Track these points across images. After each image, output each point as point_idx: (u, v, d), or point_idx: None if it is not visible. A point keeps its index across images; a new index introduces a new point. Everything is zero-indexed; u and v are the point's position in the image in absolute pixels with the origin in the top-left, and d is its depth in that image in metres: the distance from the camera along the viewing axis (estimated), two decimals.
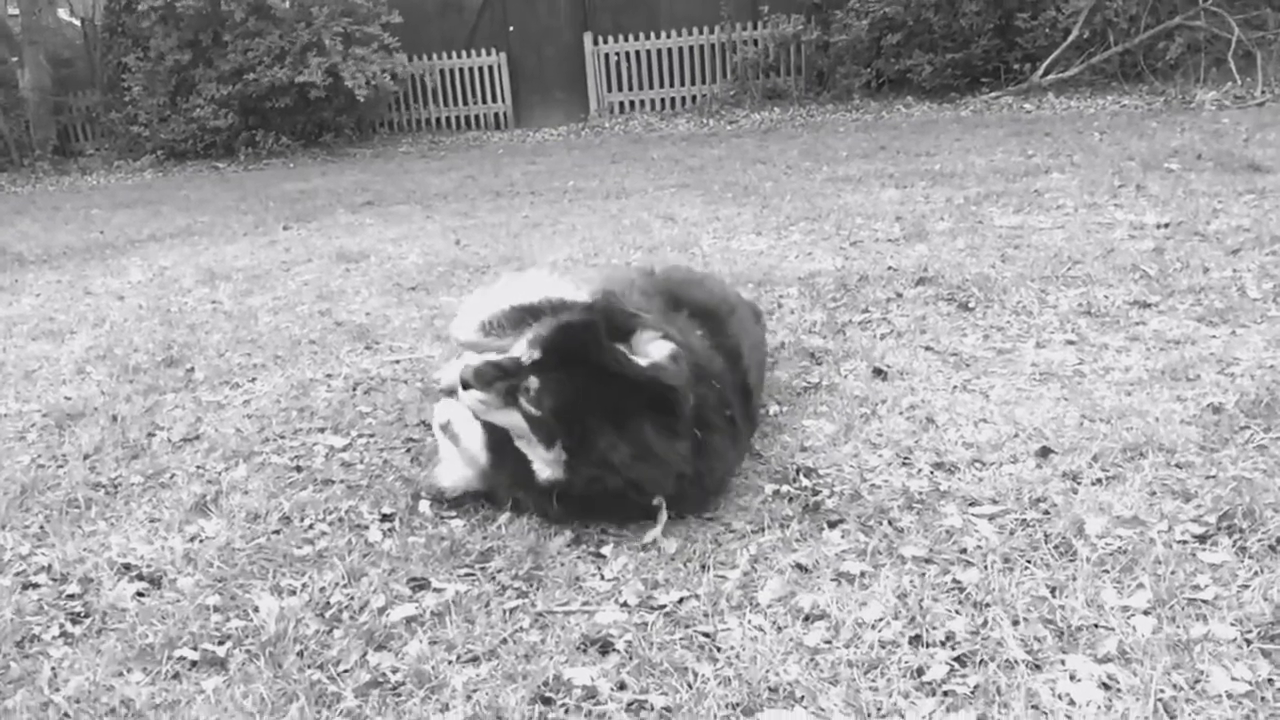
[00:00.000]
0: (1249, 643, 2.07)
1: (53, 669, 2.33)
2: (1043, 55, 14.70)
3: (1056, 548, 2.50)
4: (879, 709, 1.98)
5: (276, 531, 2.96)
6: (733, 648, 2.21)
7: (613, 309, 3.00)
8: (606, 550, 2.70)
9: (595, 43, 17.35)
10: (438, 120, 17.91)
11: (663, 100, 17.38)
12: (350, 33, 15.94)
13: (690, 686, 2.08)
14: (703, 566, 2.56)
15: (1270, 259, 4.91)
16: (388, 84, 16.18)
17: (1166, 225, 5.83)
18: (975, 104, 14.43)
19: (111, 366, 4.84)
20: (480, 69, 17.64)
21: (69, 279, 7.52)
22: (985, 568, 2.43)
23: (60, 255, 8.87)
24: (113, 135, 17.99)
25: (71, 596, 2.65)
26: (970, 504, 2.77)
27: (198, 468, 3.48)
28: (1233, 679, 1.95)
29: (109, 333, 5.63)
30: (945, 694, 2.00)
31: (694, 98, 17.20)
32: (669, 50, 17.20)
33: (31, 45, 18.24)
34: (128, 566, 2.78)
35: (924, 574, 2.44)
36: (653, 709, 2.03)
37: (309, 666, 2.27)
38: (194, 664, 2.32)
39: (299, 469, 3.40)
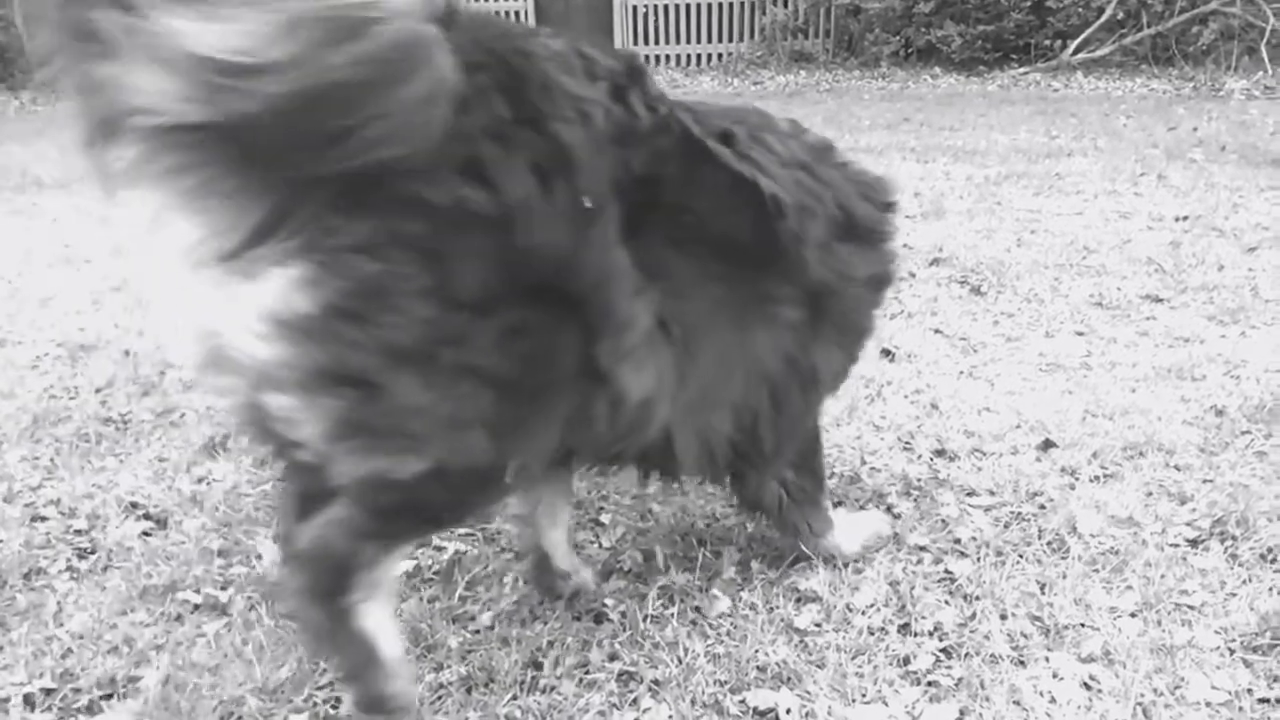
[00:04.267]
0: (1231, 652, 2.10)
1: (58, 603, 2.38)
2: (1074, 33, 14.52)
3: (1049, 544, 2.53)
4: (863, 695, 2.01)
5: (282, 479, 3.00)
6: (724, 625, 2.25)
7: None
8: (605, 519, 2.74)
9: None
10: None
11: (688, 56, 17.18)
12: None
13: (680, 661, 2.12)
14: (699, 542, 2.59)
15: None
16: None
17: (1185, 218, 5.80)
18: (1003, 79, 14.27)
19: (125, 299, 4.86)
20: (506, 13, 17.45)
21: (86, 205, 7.51)
22: (978, 560, 2.46)
23: (78, 180, 8.83)
24: None
25: (79, 532, 2.70)
26: (968, 494, 2.79)
27: (207, 408, 3.51)
28: (1213, 687, 1.99)
29: (124, 263, 5.63)
30: (929, 684, 2.04)
31: (720, 55, 16.99)
32: (698, 6, 16.98)
33: None
34: (135, 505, 2.82)
35: (918, 562, 2.48)
36: (642, 681, 2.07)
37: None
38: (196, 607, 2.37)
39: None
